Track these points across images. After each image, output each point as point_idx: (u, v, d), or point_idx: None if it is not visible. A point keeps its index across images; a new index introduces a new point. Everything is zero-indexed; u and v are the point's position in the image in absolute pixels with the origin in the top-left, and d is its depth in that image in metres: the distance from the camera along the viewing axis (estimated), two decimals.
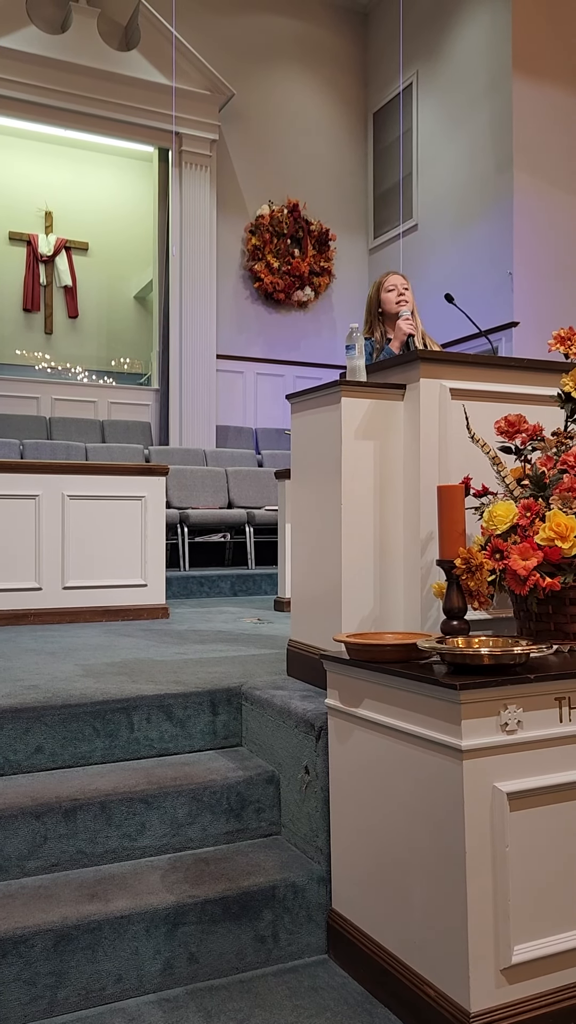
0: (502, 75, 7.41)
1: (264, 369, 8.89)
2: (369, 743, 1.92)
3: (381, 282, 3.56)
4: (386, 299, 3.51)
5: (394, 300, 3.48)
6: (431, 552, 2.26)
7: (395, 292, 3.49)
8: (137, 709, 2.47)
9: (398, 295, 3.48)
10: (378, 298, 3.53)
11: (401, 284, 3.51)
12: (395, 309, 3.47)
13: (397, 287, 3.49)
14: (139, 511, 4.52)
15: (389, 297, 3.50)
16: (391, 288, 3.50)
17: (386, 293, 3.51)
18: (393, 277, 3.54)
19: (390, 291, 3.50)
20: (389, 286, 3.51)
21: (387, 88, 9.06)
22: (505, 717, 1.66)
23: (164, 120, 7.99)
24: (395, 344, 3.44)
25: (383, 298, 3.52)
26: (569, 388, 2.21)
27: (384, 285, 3.53)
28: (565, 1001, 1.68)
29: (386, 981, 1.83)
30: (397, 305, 3.46)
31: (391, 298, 3.49)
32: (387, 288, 3.51)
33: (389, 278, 3.55)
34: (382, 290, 3.52)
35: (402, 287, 3.50)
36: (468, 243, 7.86)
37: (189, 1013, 1.80)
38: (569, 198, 7.62)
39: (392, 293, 3.49)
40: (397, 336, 3.43)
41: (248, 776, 2.31)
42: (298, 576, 2.60)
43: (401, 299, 3.47)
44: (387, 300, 3.51)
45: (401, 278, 3.54)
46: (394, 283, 3.51)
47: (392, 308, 3.48)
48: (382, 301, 3.52)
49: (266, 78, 8.88)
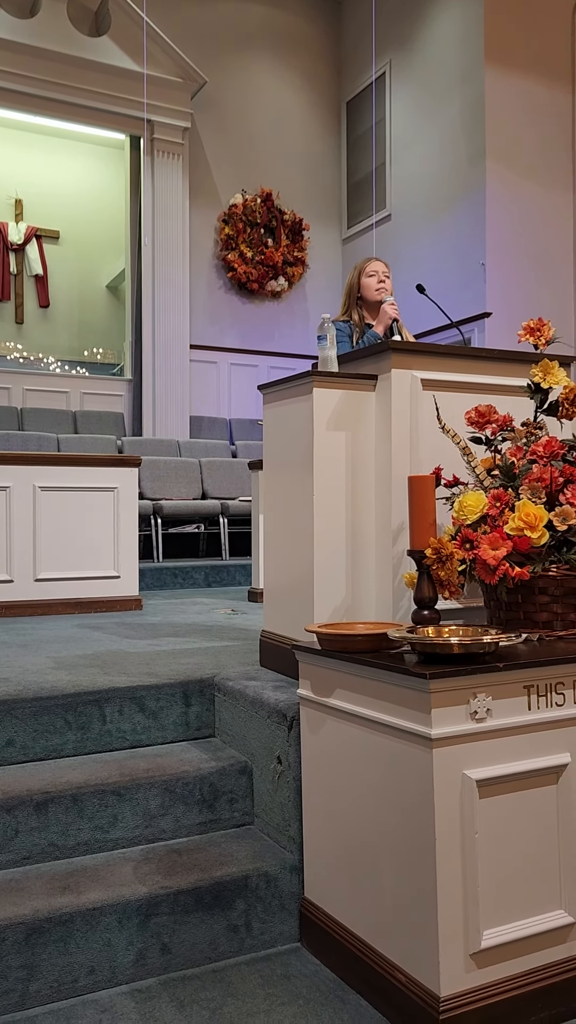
0: (474, 66, 7.42)
1: (238, 360, 8.86)
2: (340, 732, 1.93)
3: (362, 267, 3.56)
4: (366, 284, 3.51)
5: (374, 286, 3.49)
6: (402, 542, 2.27)
7: (375, 278, 3.50)
8: (109, 701, 2.46)
9: (378, 281, 3.49)
10: (358, 282, 3.53)
11: (382, 270, 3.52)
12: (375, 296, 3.48)
13: (378, 273, 3.50)
14: (111, 502, 4.49)
15: (369, 283, 3.50)
16: (372, 273, 3.51)
17: (367, 278, 3.51)
18: (375, 263, 3.55)
19: (371, 276, 3.51)
20: (370, 271, 3.52)
21: (360, 77, 9.04)
22: (474, 705, 1.68)
23: (135, 107, 7.91)
24: (380, 328, 3.45)
25: (363, 283, 3.52)
26: (538, 379, 2.22)
27: (365, 270, 3.54)
28: (533, 984, 1.70)
29: (358, 968, 1.84)
30: (377, 292, 3.47)
31: (371, 283, 3.50)
32: (368, 273, 3.52)
33: (370, 263, 3.56)
34: (363, 275, 3.53)
35: (383, 273, 3.51)
36: (441, 234, 7.88)
37: (162, 1003, 1.81)
38: (540, 190, 7.66)
39: (372, 279, 3.50)
40: (382, 320, 3.44)
41: (221, 767, 2.31)
42: (270, 567, 2.60)
43: (381, 285, 3.48)
44: (367, 285, 3.51)
45: (383, 264, 3.55)
46: (375, 269, 3.52)
47: (372, 295, 3.49)
48: (362, 286, 3.52)
49: (239, 66, 8.82)
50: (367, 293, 3.50)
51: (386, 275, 3.52)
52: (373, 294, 3.48)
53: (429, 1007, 1.62)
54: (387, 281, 3.50)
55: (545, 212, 7.72)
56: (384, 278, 3.50)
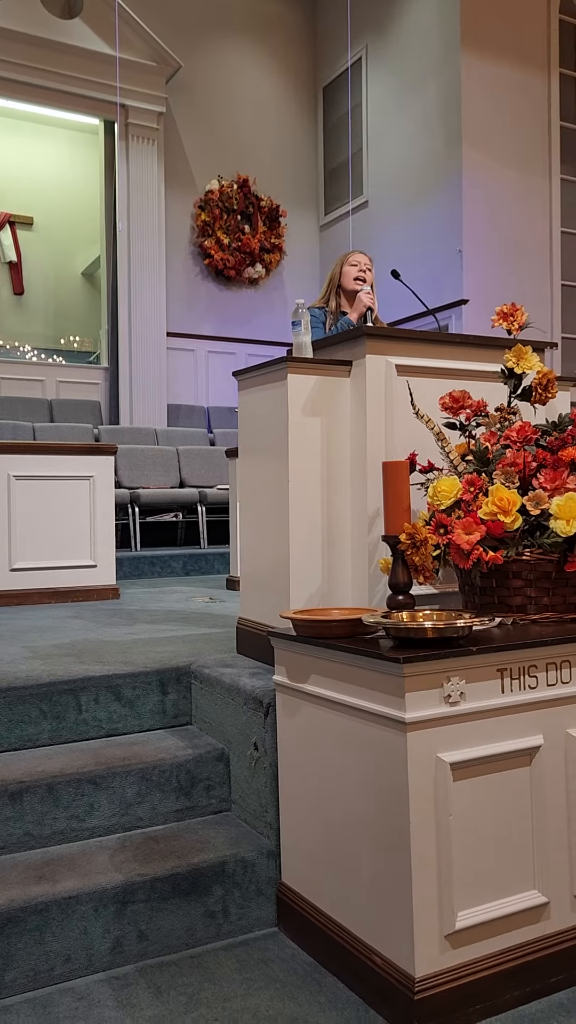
0: (450, 51, 7.40)
1: (215, 347, 8.81)
2: (316, 718, 1.93)
3: (345, 257, 3.61)
4: (346, 272, 3.56)
5: (353, 275, 3.53)
6: (378, 528, 2.27)
7: (357, 268, 3.53)
8: (85, 690, 2.45)
9: (358, 271, 3.52)
10: (340, 271, 3.58)
11: (364, 263, 3.57)
12: (352, 286, 3.52)
13: (360, 264, 3.54)
14: (88, 491, 4.46)
15: (349, 271, 3.55)
16: (354, 264, 3.56)
17: (348, 267, 3.56)
18: (359, 255, 3.61)
19: (352, 266, 3.55)
20: (353, 261, 3.57)
21: (337, 62, 8.99)
22: (448, 689, 1.68)
23: (109, 92, 7.81)
24: (354, 315, 3.48)
25: (344, 271, 3.57)
26: (512, 364, 2.23)
27: (348, 260, 3.59)
28: (507, 963, 1.72)
29: (334, 951, 1.85)
30: (355, 282, 3.50)
31: (351, 273, 3.54)
32: (350, 263, 3.57)
33: (353, 255, 3.62)
34: (345, 263, 3.57)
35: (364, 265, 3.55)
36: (418, 220, 7.87)
37: (139, 990, 1.81)
38: (517, 176, 7.67)
39: (353, 268, 3.54)
40: (356, 308, 3.47)
41: (198, 754, 2.31)
42: (246, 554, 2.60)
43: (361, 274, 3.51)
44: (347, 273, 3.55)
45: (366, 258, 3.59)
46: (357, 260, 3.57)
47: (349, 284, 3.53)
48: (342, 274, 3.57)
49: (214, 50, 8.73)
50: (345, 281, 3.55)
51: (368, 268, 3.55)
52: (351, 283, 3.52)
53: (404, 988, 1.63)
54: (367, 273, 3.54)
55: (521, 199, 7.73)
56: (365, 269, 3.53)
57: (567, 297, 8.10)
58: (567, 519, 1.92)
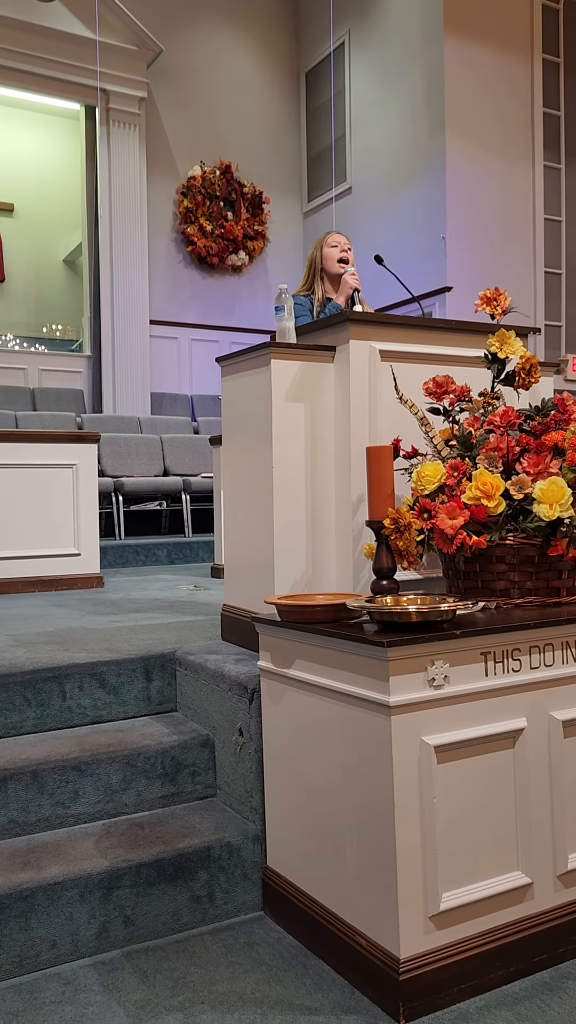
0: (433, 36, 7.36)
1: (199, 335, 8.77)
2: (301, 703, 1.93)
3: (323, 239, 3.55)
4: (328, 255, 3.49)
5: (335, 257, 3.47)
6: (362, 514, 2.27)
7: (337, 249, 3.48)
8: (69, 677, 2.44)
9: (340, 252, 3.47)
10: (320, 254, 3.52)
11: (343, 243, 3.50)
12: (335, 268, 3.47)
13: (340, 244, 3.49)
14: (71, 479, 4.44)
15: (331, 253, 3.49)
16: (334, 245, 3.50)
17: (328, 249, 3.50)
18: (336, 235, 3.55)
19: (332, 247, 3.49)
20: (332, 243, 3.51)
21: (319, 47, 8.93)
22: (432, 672, 1.69)
23: (89, 76, 7.73)
24: (340, 299, 3.44)
25: (325, 254, 3.50)
26: (495, 349, 2.23)
27: (327, 242, 3.53)
28: (491, 943, 1.73)
29: (320, 934, 1.86)
30: (339, 264, 3.46)
31: (333, 254, 3.48)
32: (330, 244, 3.51)
33: (332, 236, 3.55)
34: (324, 246, 3.52)
35: (344, 245, 3.49)
36: (402, 207, 7.85)
37: (125, 975, 1.81)
38: (500, 162, 7.66)
39: (335, 250, 3.49)
40: (343, 291, 3.43)
41: (183, 740, 2.31)
42: (231, 541, 2.59)
43: (344, 255, 3.47)
44: (328, 256, 3.49)
45: (344, 237, 3.54)
46: (336, 241, 3.51)
47: (333, 267, 3.47)
48: (324, 257, 3.51)
49: (196, 35, 8.65)
50: (328, 265, 3.49)
51: (348, 248, 3.51)
52: (334, 265, 3.47)
53: (389, 969, 1.65)
54: (348, 253, 3.49)
55: (505, 185, 7.73)
56: (346, 249, 3.49)
57: (550, 284, 8.12)
58: (550, 503, 1.92)
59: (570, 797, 1.87)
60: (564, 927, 1.83)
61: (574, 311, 8.30)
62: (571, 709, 1.88)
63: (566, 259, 8.22)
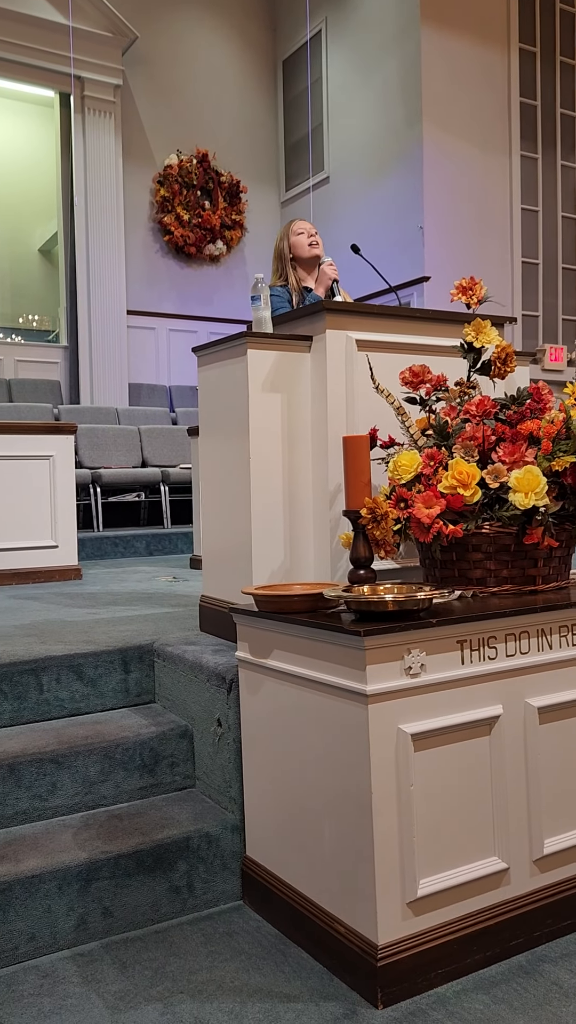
0: (410, 25, 7.34)
1: (177, 325, 8.73)
2: (278, 693, 1.93)
3: (288, 228, 3.49)
4: (297, 243, 3.44)
5: (306, 243, 3.42)
6: (339, 504, 2.27)
7: (305, 235, 3.43)
8: (46, 670, 2.43)
9: (308, 237, 3.43)
10: (288, 243, 3.46)
11: (309, 228, 3.46)
12: (308, 252, 3.41)
13: (307, 230, 3.44)
14: (47, 471, 4.40)
15: (300, 240, 3.43)
16: (300, 232, 3.44)
17: (296, 237, 3.44)
18: (300, 222, 3.49)
19: (300, 234, 3.44)
20: (298, 230, 3.45)
21: (296, 36, 8.88)
22: (409, 661, 1.69)
23: (63, 63, 7.64)
24: (320, 289, 3.39)
25: (293, 242, 3.44)
26: (471, 338, 2.23)
27: (293, 229, 3.46)
28: (468, 928, 1.75)
29: (298, 922, 1.87)
30: (311, 248, 3.41)
31: (302, 241, 3.43)
32: (296, 232, 3.45)
33: (296, 223, 3.49)
34: (291, 235, 3.46)
35: (311, 231, 3.45)
36: (379, 197, 7.84)
37: (104, 966, 1.81)
38: (477, 152, 7.67)
39: (303, 236, 3.43)
40: (322, 281, 3.38)
41: (161, 731, 2.30)
42: (208, 531, 2.58)
43: (313, 240, 3.43)
44: (298, 244, 3.43)
45: (308, 223, 3.49)
46: (303, 227, 3.45)
47: (305, 252, 3.42)
48: (293, 246, 3.45)
49: (171, 21, 8.57)
50: (299, 251, 3.43)
51: (314, 232, 3.46)
52: (306, 250, 3.41)
53: (367, 955, 1.66)
54: (316, 237, 3.45)
55: (482, 175, 7.74)
56: (313, 234, 3.44)
57: (527, 273, 8.15)
58: (525, 492, 1.93)
59: (546, 783, 1.88)
60: (540, 911, 1.85)
61: (551, 301, 8.34)
62: (547, 696, 1.89)
63: (543, 249, 8.25)
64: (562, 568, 2.14)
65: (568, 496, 2.02)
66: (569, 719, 1.93)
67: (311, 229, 3.46)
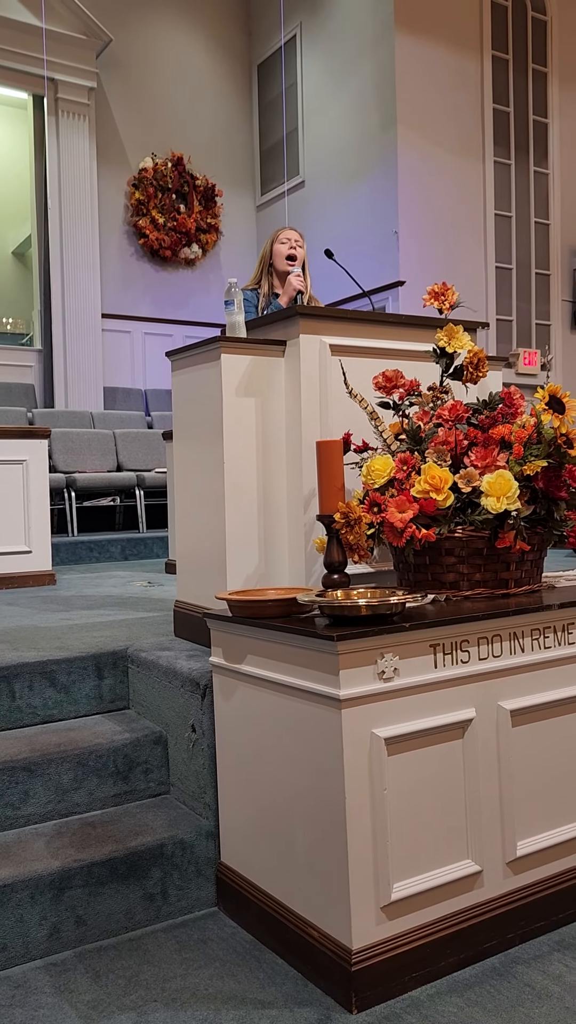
0: (384, 31, 7.39)
1: (152, 329, 8.69)
2: (252, 698, 1.93)
3: (276, 235, 3.53)
4: (277, 251, 3.46)
5: (284, 253, 3.44)
6: (313, 508, 2.27)
7: (287, 245, 3.45)
8: (18, 677, 2.40)
9: (289, 249, 3.45)
10: (271, 250, 3.50)
11: (294, 238, 3.47)
12: (283, 266, 3.44)
13: (290, 241, 3.46)
14: (20, 475, 4.37)
15: (280, 249, 3.46)
16: (284, 241, 3.46)
17: (278, 245, 3.47)
18: (288, 231, 3.52)
19: (282, 244, 3.46)
20: (283, 239, 3.48)
21: (270, 40, 8.89)
22: (382, 665, 1.70)
23: (36, 65, 7.59)
24: (284, 299, 3.41)
25: (275, 250, 3.48)
26: (443, 343, 2.24)
27: (278, 238, 3.50)
28: (442, 931, 1.75)
29: (273, 927, 1.87)
30: (287, 262, 3.43)
31: (282, 251, 3.45)
32: (280, 240, 3.48)
33: (284, 231, 3.53)
34: (276, 242, 3.49)
35: (294, 241, 3.46)
36: (354, 201, 7.87)
37: (77, 975, 1.80)
38: (452, 158, 7.73)
39: (284, 246, 3.45)
40: (287, 292, 3.40)
41: (135, 738, 2.29)
42: (183, 536, 2.57)
43: (292, 252, 3.44)
44: (278, 252, 3.46)
45: (296, 233, 3.51)
46: (288, 237, 3.48)
47: (281, 264, 3.45)
48: (273, 253, 3.48)
49: (146, 24, 8.55)
50: (276, 261, 3.47)
51: (298, 244, 3.48)
52: (282, 263, 3.44)
53: (342, 960, 1.66)
54: (298, 250, 3.47)
55: (457, 180, 7.79)
56: (296, 247, 3.46)
57: (501, 278, 8.22)
58: (497, 496, 1.95)
59: (518, 786, 1.90)
60: (513, 913, 1.86)
61: (524, 305, 8.41)
62: (519, 699, 1.91)
63: (516, 254, 8.33)
64: (534, 571, 2.15)
65: (539, 500, 2.04)
66: (541, 722, 1.95)
67: (294, 240, 3.46)
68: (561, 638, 2.00)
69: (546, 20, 8.45)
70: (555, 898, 1.93)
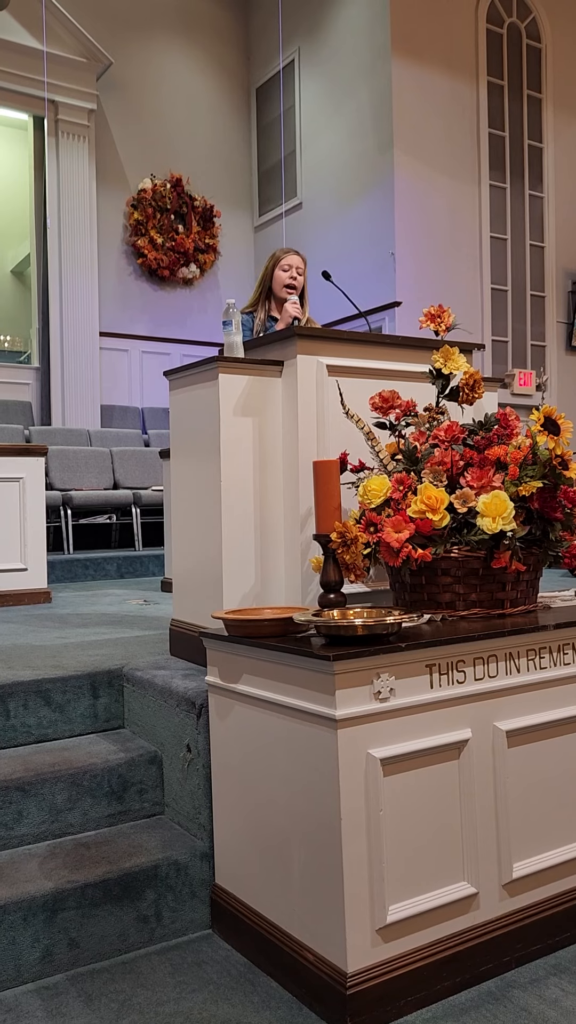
0: (381, 56, 7.49)
1: (150, 347, 8.73)
2: (248, 718, 1.93)
3: (278, 258, 3.41)
4: (278, 277, 3.39)
5: (284, 281, 3.36)
6: (310, 528, 2.28)
7: (288, 273, 3.38)
8: (13, 696, 2.40)
9: (289, 278, 3.38)
10: (271, 274, 3.44)
11: (297, 266, 3.38)
12: (281, 294, 3.37)
13: (292, 268, 3.39)
14: (16, 493, 4.37)
15: (281, 276, 3.38)
16: (286, 268, 3.38)
17: (280, 271, 3.40)
18: (292, 256, 3.40)
19: (285, 271, 3.40)
20: (285, 265, 3.39)
21: (269, 64, 9.01)
22: (378, 685, 1.70)
23: (37, 87, 7.67)
24: (280, 326, 3.39)
25: (276, 275, 3.40)
26: (440, 364, 2.26)
27: (281, 263, 3.40)
28: (438, 954, 1.74)
29: (268, 950, 1.85)
30: (287, 290, 3.38)
31: (282, 278, 3.38)
32: (283, 267, 3.39)
33: (287, 256, 3.40)
34: (277, 267, 3.41)
35: (297, 269, 3.38)
36: (352, 223, 7.94)
37: (69, 999, 1.78)
38: (448, 180, 7.81)
39: (285, 274, 3.37)
40: (283, 319, 3.36)
41: (130, 758, 2.28)
42: (179, 555, 2.58)
43: (292, 282, 3.38)
44: (278, 279, 3.39)
45: (299, 259, 3.41)
46: (290, 263, 3.38)
47: (280, 291, 3.38)
48: (274, 278, 3.42)
49: (146, 48, 8.66)
50: (276, 287, 3.40)
51: (299, 271, 3.41)
52: (281, 290, 3.38)
53: (337, 983, 1.64)
54: (300, 279, 3.41)
55: (453, 203, 7.87)
56: (297, 275, 3.40)
57: (496, 300, 8.28)
58: (493, 517, 1.95)
59: (514, 807, 1.89)
60: (509, 936, 1.85)
61: (520, 327, 8.47)
62: (515, 719, 1.91)
63: (512, 276, 8.40)
64: (530, 592, 2.16)
65: (535, 521, 2.05)
66: (537, 743, 1.94)
67: (297, 267, 3.39)
68: (557, 658, 2.00)
69: (540, 47, 8.57)
70: (552, 921, 1.92)
